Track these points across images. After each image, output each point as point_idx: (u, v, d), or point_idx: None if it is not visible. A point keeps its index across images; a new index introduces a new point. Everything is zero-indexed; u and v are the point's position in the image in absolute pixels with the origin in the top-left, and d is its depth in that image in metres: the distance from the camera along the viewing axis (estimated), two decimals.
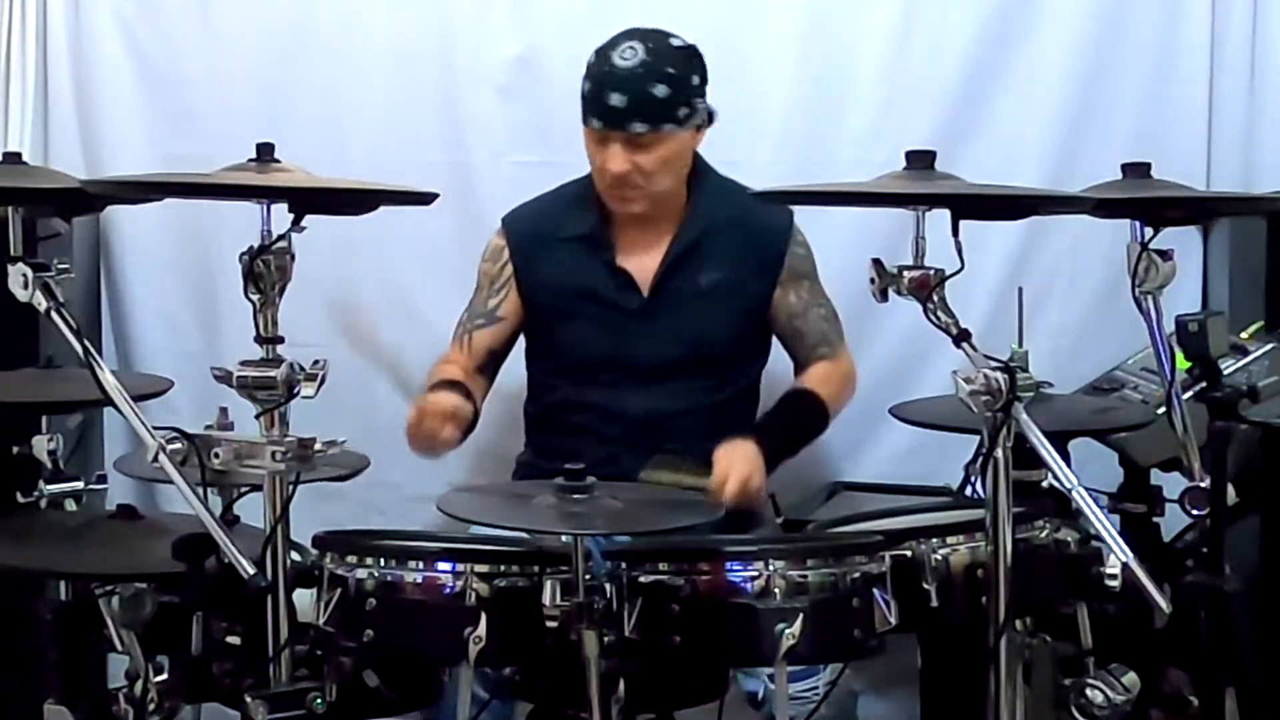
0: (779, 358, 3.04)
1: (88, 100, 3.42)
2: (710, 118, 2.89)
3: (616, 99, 2.74)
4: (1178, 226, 2.43)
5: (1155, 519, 2.76)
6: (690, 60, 2.81)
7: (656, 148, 2.77)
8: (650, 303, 2.89)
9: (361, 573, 2.17)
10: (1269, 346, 3.00)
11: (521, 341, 3.04)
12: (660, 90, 2.74)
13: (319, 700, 2.08)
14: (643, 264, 2.90)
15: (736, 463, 2.65)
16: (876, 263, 2.12)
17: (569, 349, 2.94)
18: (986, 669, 2.10)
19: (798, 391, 2.94)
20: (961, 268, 2.06)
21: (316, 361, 2.08)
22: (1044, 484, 2.31)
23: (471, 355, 2.96)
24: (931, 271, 2.09)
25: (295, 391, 2.06)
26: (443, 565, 2.14)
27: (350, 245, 3.25)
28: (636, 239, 2.91)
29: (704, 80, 2.83)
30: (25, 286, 2.10)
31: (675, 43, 2.81)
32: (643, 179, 2.80)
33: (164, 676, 2.18)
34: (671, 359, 2.88)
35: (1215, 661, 2.43)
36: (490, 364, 2.98)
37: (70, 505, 2.50)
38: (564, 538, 2.11)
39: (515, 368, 3.07)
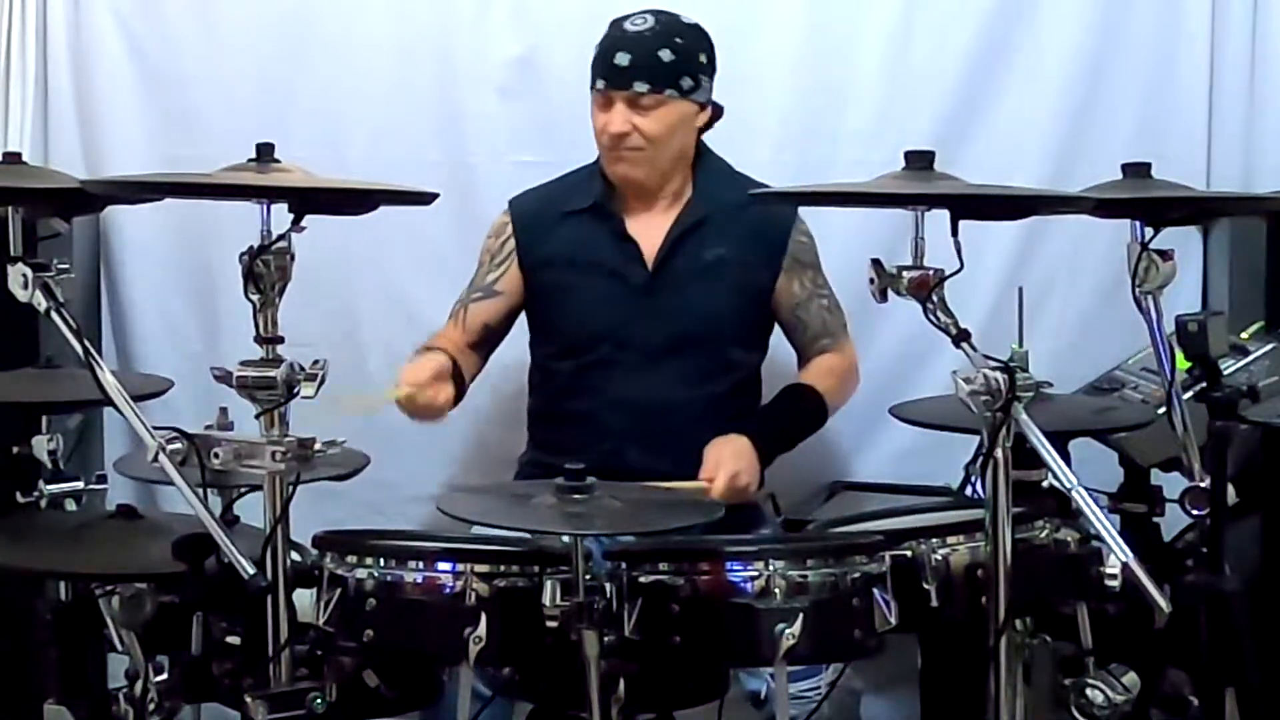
0: (780, 353, 3.04)
1: (88, 100, 3.42)
2: (718, 110, 2.94)
3: (622, 58, 2.80)
4: (1178, 226, 2.43)
5: (1155, 519, 2.76)
6: (699, 37, 2.88)
7: (657, 111, 2.82)
8: (654, 278, 2.90)
9: (361, 573, 2.17)
10: (1269, 346, 3.00)
11: (523, 335, 3.04)
12: (665, 55, 2.81)
13: (319, 700, 2.08)
14: (648, 238, 2.92)
15: (726, 459, 2.68)
16: (876, 263, 2.13)
17: (571, 324, 2.95)
18: (986, 669, 2.10)
19: (795, 386, 2.95)
20: (961, 268, 2.07)
21: (316, 361, 2.08)
22: (1044, 484, 2.30)
23: (466, 329, 2.97)
24: (931, 271, 2.09)
25: (295, 391, 2.06)
26: (443, 565, 2.14)
27: (350, 245, 3.25)
28: (641, 214, 2.93)
29: (711, 62, 2.89)
30: (25, 286, 2.10)
31: (686, 20, 2.88)
32: (643, 140, 2.83)
33: (164, 676, 2.18)
34: (673, 336, 2.88)
35: (1215, 661, 2.43)
36: (484, 340, 2.98)
37: (70, 505, 2.49)
38: (564, 538, 2.11)
39: (516, 365, 3.07)
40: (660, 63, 2.80)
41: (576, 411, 2.93)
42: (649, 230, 2.92)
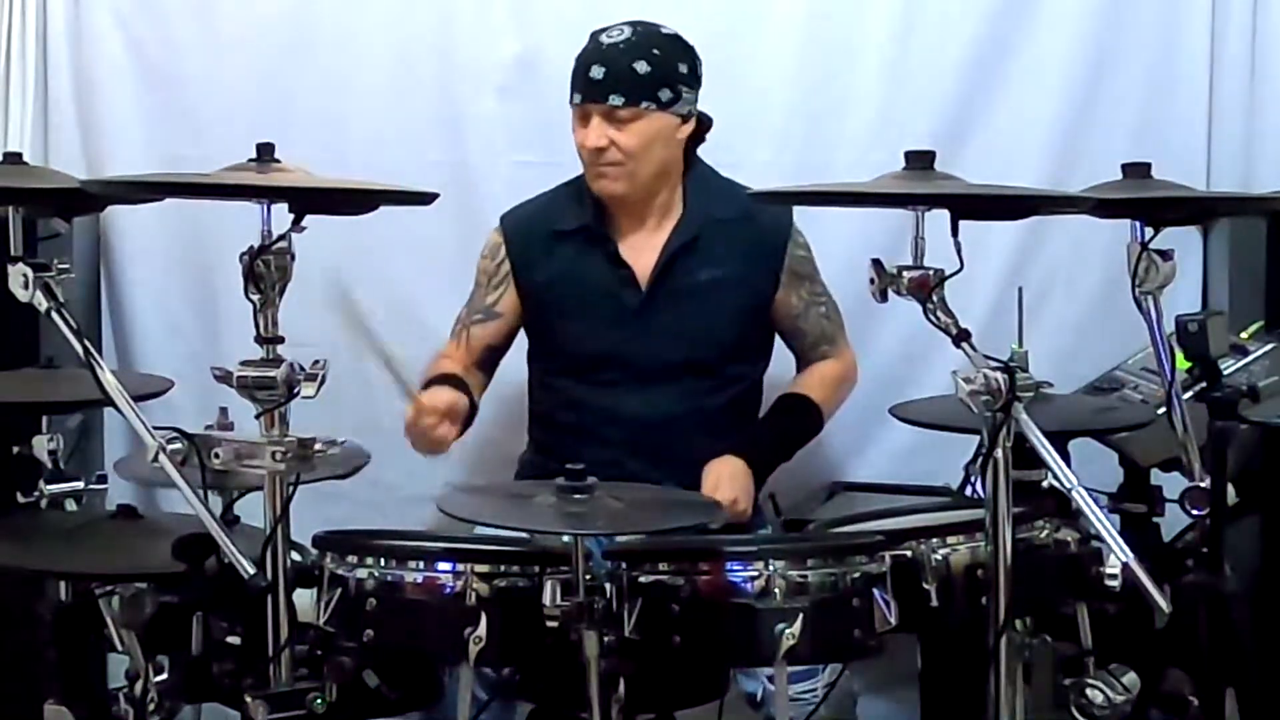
0: (781, 359, 3.04)
1: (88, 100, 3.42)
2: (705, 122, 2.92)
3: (597, 71, 2.78)
4: (1178, 226, 2.43)
5: (1155, 519, 2.76)
6: (678, 47, 2.84)
7: (635, 125, 2.79)
8: (648, 299, 2.89)
9: (361, 573, 2.17)
10: (1269, 346, 3.00)
11: (522, 341, 3.04)
12: (641, 67, 2.78)
13: (319, 700, 2.08)
14: (641, 259, 2.90)
15: (723, 483, 2.70)
16: (876, 263, 2.12)
17: (568, 346, 2.94)
18: (986, 669, 2.10)
19: (790, 397, 2.95)
20: (961, 268, 2.07)
21: (316, 361, 2.08)
22: (1044, 484, 2.30)
23: (470, 351, 2.98)
24: (931, 271, 2.09)
25: (295, 391, 2.07)
26: (443, 565, 2.15)
27: (350, 245, 3.25)
28: (634, 233, 2.91)
29: (693, 72, 2.85)
30: (25, 286, 2.10)
31: (665, 30, 2.85)
32: (622, 155, 2.80)
33: (164, 676, 2.18)
34: (670, 359, 2.88)
35: (1215, 661, 2.43)
36: (488, 359, 2.99)
37: (70, 505, 2.49)
38: (564, 538, 2.11)
39: (516, 366, 3.07)
40: (635, 75, 2.77)
41: (576, 424, 2.92)
42: (641, 251, 2.90)
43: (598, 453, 2.77)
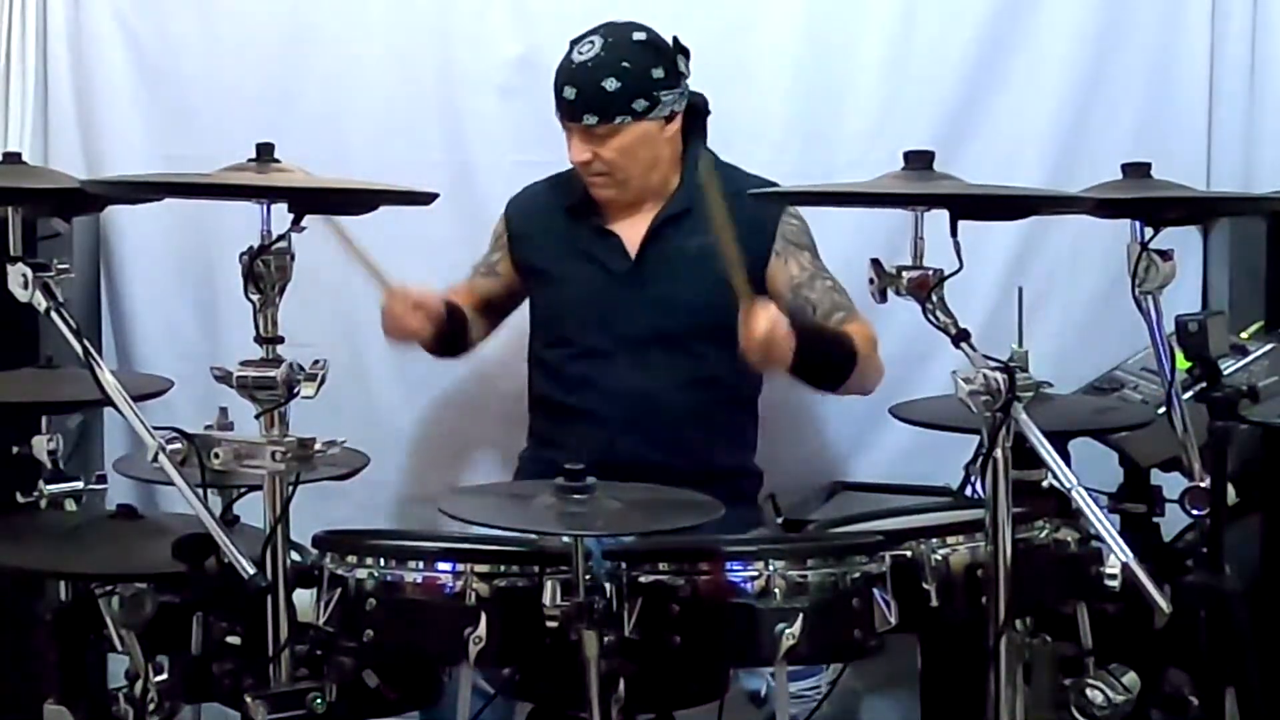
0: None
1: (88, 100, 3.42)
2: (699, 105, 2.93)
3: (569, 92, 2.82)
4: (1178, 226, 2.43)
5: (1155, 519, 2.76)
6: (650, 52, 2.83)
7: (613, 139, 2.82)
8: (637, 267, 2.90)
9: (361, 573, 2.17)
10: (1269, 346, 3.00)
11: (521, 333, 3.04)
12: (610, 84, 2.79)
13: (319, 700, 2.08)
14: (631, 231, 2.92)
15: (763, 319, 2.56)
16: (875, 263, 2.13)
17: (559, 314, 2.96)
18: (986, 669, 2.10)
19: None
20: (960, 268, 2.07)
21: (316, 361, 2.08)
22: (1044, 484, 2.30)
23: (472, 294, 3.04)
24: (930, 271, 2.09)
25: (295, 391, 2.07)
26: (443, 565, 2.14)
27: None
28: (626, 210, 2.94)
29: (672, 74, 2.84)
30: (25, 286, 2.10)
31: (637, 36, 2.84)
32: (606, 167, 2.85)
33: (164, 676, 2.18)
34: (660, 326, 2.87)
35: (1215, 661, 2.43)
36: (486, 311, 3.06)
37: (70, 505, 2.49)
38: (564, 538, 2.11)
39: (515, 368, 3.07)
40: (605, 93, 2.78)
41: (570, 404, 2.92)
42: (632, 223, 2.92)
43: (591, 435, 2.78)
